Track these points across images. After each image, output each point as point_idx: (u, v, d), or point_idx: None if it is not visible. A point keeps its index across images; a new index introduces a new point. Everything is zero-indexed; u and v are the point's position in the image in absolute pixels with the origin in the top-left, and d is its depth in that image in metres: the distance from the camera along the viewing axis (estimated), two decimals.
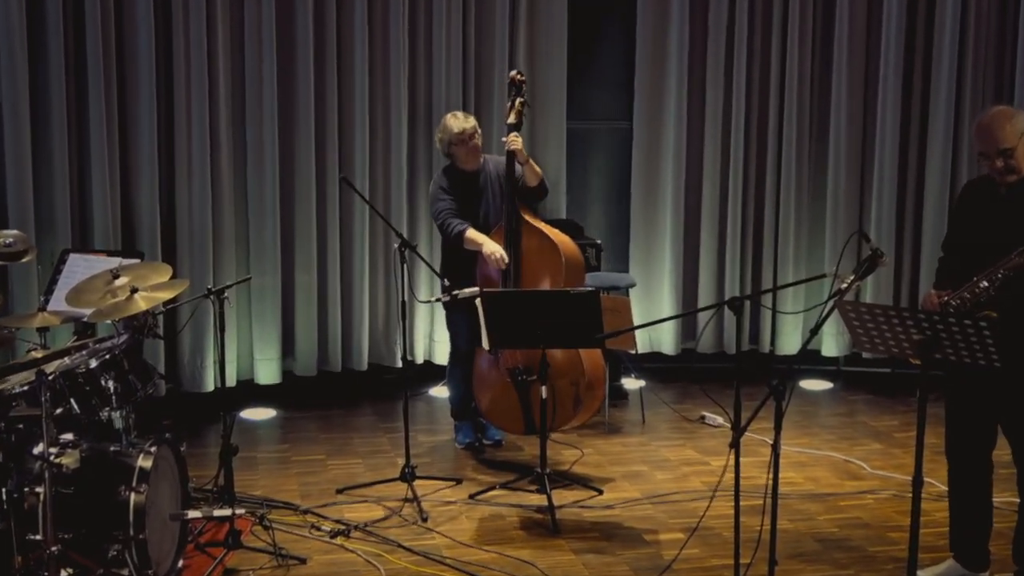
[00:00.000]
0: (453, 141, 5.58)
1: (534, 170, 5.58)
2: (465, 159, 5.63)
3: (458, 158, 5.64)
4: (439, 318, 6.90)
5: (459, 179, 5.68)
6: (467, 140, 5.58)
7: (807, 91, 7.18)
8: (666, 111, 7.21)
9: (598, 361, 5.55)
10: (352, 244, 6.86)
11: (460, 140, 5.58)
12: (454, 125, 5.59)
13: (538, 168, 5.63)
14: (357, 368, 6.94)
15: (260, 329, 6.75)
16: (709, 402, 6.36)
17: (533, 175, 5.58)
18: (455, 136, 5.57)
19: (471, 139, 5.59)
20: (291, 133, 6.66)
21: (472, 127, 5.60)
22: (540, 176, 5.61)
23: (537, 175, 5.59)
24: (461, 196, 5.66)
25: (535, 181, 5.59)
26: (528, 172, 5.57)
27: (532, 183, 5.58)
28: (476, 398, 5.77)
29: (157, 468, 4.11)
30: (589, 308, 4.81)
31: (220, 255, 6.58)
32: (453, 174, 5.70)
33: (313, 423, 6.45)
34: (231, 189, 6.59)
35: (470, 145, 5.59)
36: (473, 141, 5.60)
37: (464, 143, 5.58)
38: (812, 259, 7.37)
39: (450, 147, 5.61)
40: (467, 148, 5.59)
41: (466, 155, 5.62)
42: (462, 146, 5.59)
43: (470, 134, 5.58)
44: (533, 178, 5.58)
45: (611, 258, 7.38)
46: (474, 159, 5.64)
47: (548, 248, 5.51)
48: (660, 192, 7.30)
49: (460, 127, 5.57)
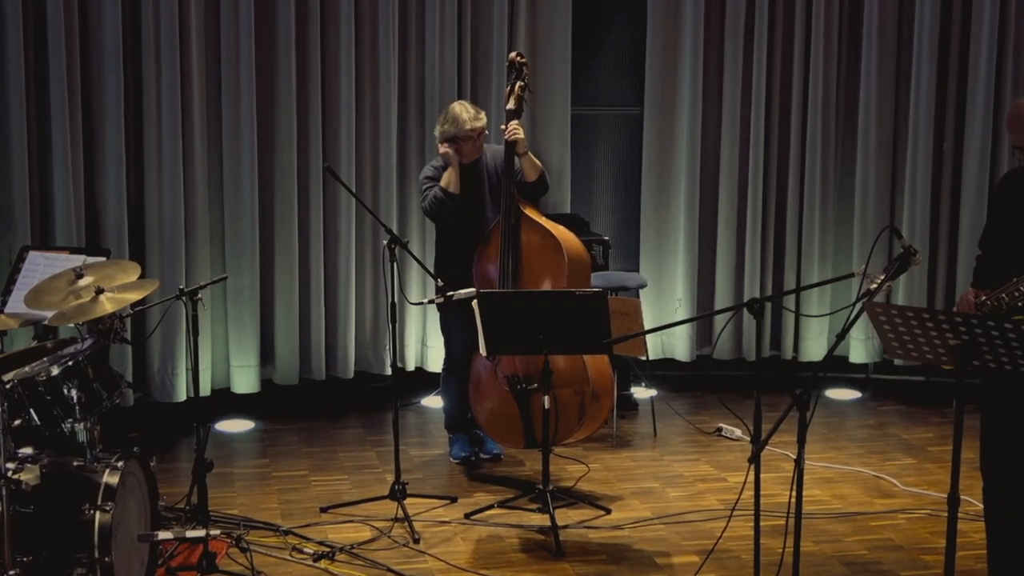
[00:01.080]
0: (460, 136, 5.58)
1: (533, 163, 5.58)
2: (466, 154, 5.65)
3: (458, 151, 5.65)
4: (432, 322, 6.90)
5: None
6: (475, 139, 5.60)
7: (833, 72, 7.19)
8: (680, 96, 7.21)
9: (605, 369, 5.55)
10: (337, 241, 6.86)
11: (467, 137, 5.59)
12: (465, 120, 5.57)
13: (538, 161, 5.63)
14: (342, 376, 6.94)
15: (237, 333, 6.75)
16: (726, 413, 6.36)
17: (532, 168, 5.58)
18: (464, 132, 5.57)
19: (479, 138, 5.61)
20: (270, 119, 6.66)
21: (482, 127, 5.61)
22: (540, 170, 5.61)
23: (537, 168, 5.59)
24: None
25: (534, 175, 5.59)
26: (527, 165, 5.57)
27: (531, 177, 5.59)
28: (472, 409, 5.78)
29: (124, 485, 4.10)
30: (596, 311, 4.81)
31: (193, 253, 6.58)
32: (445, 164, 5.70)
33: (295, 436, 6.45)
34: (205, 181, 6.58)
35: (476, 143, 5.61)
36: (479, 139, 5.62)
37: (471, 140, 5.60)
38: (839, 257, 7.38)
39: (454, 140, 5.61)
40: (472, 146, 5.61)
41: (469, 151, 5.64)
42: (467, 142, 5.60)
43: (479, 133, 5.59)
44: (532, 172, 5.58)
45: (620, 256, 7.39)
46: (475, 154, 5.65)
47: (550, 245, 5.51)
48: (673, 184, 7.30)
49: (471, 125, 5.57)
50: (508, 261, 5.54)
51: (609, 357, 5.61)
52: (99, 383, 4.35)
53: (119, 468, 4.08)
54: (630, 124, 7.39)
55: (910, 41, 7.14)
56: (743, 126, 7.22)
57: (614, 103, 7.40)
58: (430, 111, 6.83)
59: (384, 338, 6.97)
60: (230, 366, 6.79)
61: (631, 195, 7.43)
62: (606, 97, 7.40)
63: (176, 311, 6.33)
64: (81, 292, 4.35)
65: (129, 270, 4.55)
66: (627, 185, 7.45)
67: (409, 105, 6.88)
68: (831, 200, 7.33)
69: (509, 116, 5.61)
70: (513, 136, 5.51)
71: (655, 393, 6.87)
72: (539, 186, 5.64)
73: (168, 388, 6.58)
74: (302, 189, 6.77)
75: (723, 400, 6.53)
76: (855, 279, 3.95)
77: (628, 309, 5.87)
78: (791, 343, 7.44)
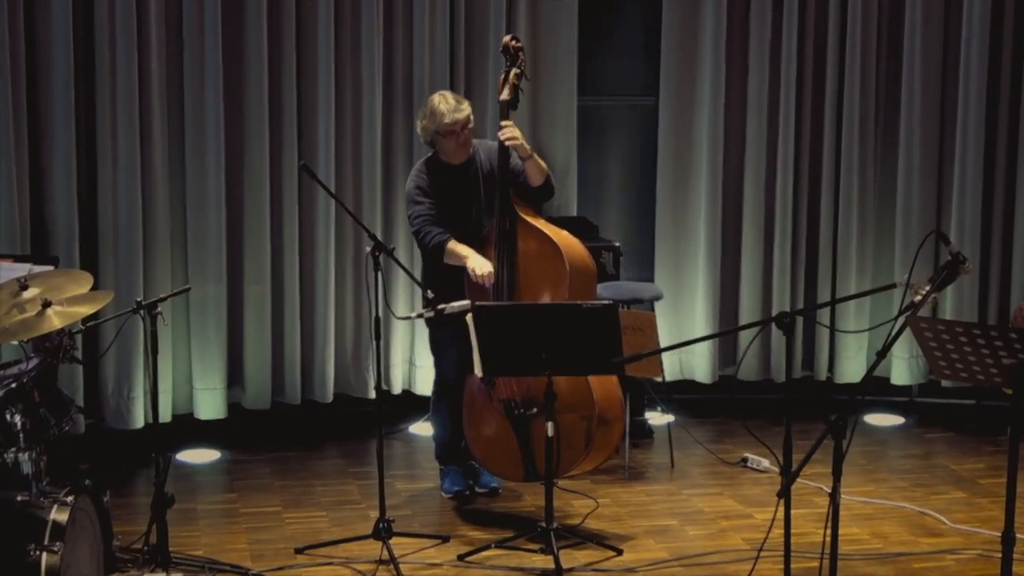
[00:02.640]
0: (441, 132, 5.57)
1: (539, 166, 5.58)
2: (453, 153, 5.64)
3: (444, 151, 5.65)
4: (421, 339, 6.89)
5: (443, 174, 5.68)
6: (458, 132, 5.57)
7: (872, 59, 7.19)
8: (700, 84, 7.21)
9: (615, 391, 5.55)
10: (314, 247, 6.86)
11: (449, 132, 5.57)
12: (444, 113, 5.55)
13: (543, 164, 5.63)
14: (320, 400, 6.95)
15: (201, 352, 6.75)
16: (753, 441, 6.31)
17: (537, 172, 5.58)
18: (444, 127, 5.56)
19: (463, 130, 5.58)
20: (239, 112, 6.66)
21: (465, 117, 5.57)
22: (546, 173, 5.62)
23: (543, 172, 5.59)
24: (445, 195, 5.66)
25: (540, 179, 5.59)
26: (531, 169, 5.56)
27: (536, 181, 5.59)
28: (466, 437, 5.77)
29: (75, 522, 4.09)
30: (605, 325, 4.81)
31: (152, 261, 6.58)
32: (436, 168, 5.70)
33: (266, 467, 6.44)
34: (165, 180, 6.58)
35: (460, 138, 5.59)
36: (464, 133, 5.59)
37: (454, 135, 5.58)
38: (879, 266, 7.38)
39: (435, 137, 5.62)
40: (456, 142, 5.60)
41: (454, 149, 5.62)
42: (450, 138, 5.58)
43: (463, 125, 5.57)
44: (537, 176, 5.58)
45: (632, 264, 7.37)
46: (463, 153, 5.65)
47: (549, 252, 5.52)
48: (692, 183, 7.30)
49: (452, 118, 5.54)
50: (503, 270, 5.55)
51: (620, 378, 5.60)
52: (46, 408, 4.34)
53: (68, 504, 4.07)
54: (643, 116, 7.39)
55: (958, 24, 7.14)
56: (771, 118, 7.22)
57: (625, 92, 7.41)
58: (419, 101, 6.79)
59: (367, 357, 6.97)
60: (193, 389, 6.78)
61: (645, 196, 7.42)
62: (616, 85, 7.40)
63: (133, 327, 6.27)
64: (26, 305, 4.34)
65: (80, 280, 4.55)
66: (640, 184, 7.45)
67: (395, 95, 6.88)
68: (870, 202, 7.33)
69: (503, 108, 5.61)
70: (510, 142, 5.50)
71: (672, 419, 6.86)
72: (544, 191, 5.64)
73: (124, 413, 6.57)
74: (275, 189, 6.77)
75: (749, 427, 6.52)
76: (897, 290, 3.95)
77: (641, 324, 5.87)
78: (825, 362, 7.43)
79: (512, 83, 5.63)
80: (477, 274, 5.48)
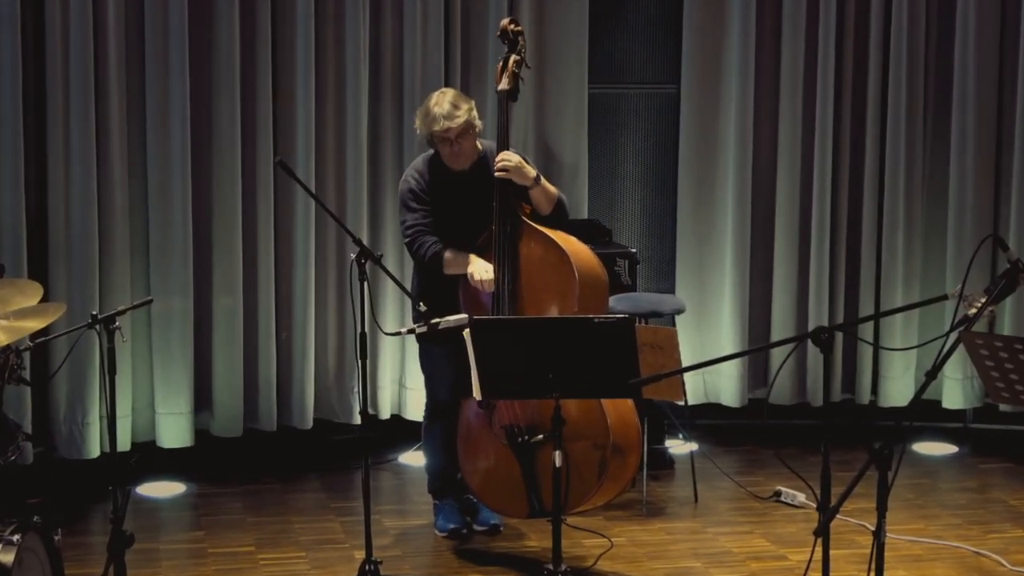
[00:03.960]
0: (435, 137, 5.58)
1: (547, 194, 5.59)
2: (450, 160, 5.65)
3: (442, 155, 5.66)
4: (412, 357, 6.82)
5: (444, 177, 5.69)
6: (452, 140, 5.55)
7: (920, 45, 7.19)
8: (726, 70, 7.22)
9: (631, 417, 5.54)
10: (292, 254, 6.87)
11: (442, 139, 5.57)
12: (436, 118, 5.51)
13: (552, 189, 5.64)
14: (299, 426, 6.94)
15: (165, 372, 6.74)
16: (787, 473, 6.35)
17: (546, 201, 5.60)
18: (436, 133, 5.55)
19: (459, 139, 5.55)
20: (207, 103, 6.66)
21: (461, 125, 5.53)
22: (555, 199, 5.63)
23: (551, 200, 5.62)
24: (446, 202, 5.66)
25: (549, 208, 5.62)
26: (538, 199, 5.58)
27: (544, 211, 5.62)
28: (463, 468, 5.77)
29: (21, 563, 4.08)
30: (619, 342, 4.80)
31: (109, 269, 6.58)
32: (437, 169, 5.70)
33: (237, 501, 6.44)
34: (124, 180, 6.58)
35: (456, 148, 5.58)
36: (461, 143, 5.56)
37: (447, 143, 5.57)
38: (928, 275, 7.39)
39: (431, 140, 5.63)
40: (452, 150, 5.59)
41: (450, 156, 5.63)
42: (444, 145, 5.59)
43: (458, 133, 5.53)
44: (546, 204, 5.61)
45: (650, 273, 7.38)
46: (461, 161, 5.65)
47: (555, 259, 5.52)
48: (718, 182, 7.30)
49: (443, 125, 5.50)
50: (503, 280, 5.54)
51: (636, 402, 5.60)
52: None
53: (15, 543, 4.05)
54: (663, 106, 7.39)
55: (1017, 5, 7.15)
56: (807, 108, 7.22)
57: (643, 80, 7.40)
58: (410, 89, 6.85)
59: (351, 378, 6.97)
60: (156, 413, 6.77)
61: (665, 196, 7.43)
62: (632, 72, 7.40)
63: (88, 344, 6.30)
64: None
65: (28, 292, 4.54)
66: (660, 183, 7.45)
67: (383, 82, 6.88)
68: (918, 203, 7.34)
69: (501, 99, 5.61)
70: (503, 174, 5.48)
71: (695, 447, 6.84)
72: (557, 217, 5.65)
73: (77, 441, 6.56)
74: (248, 189, 6.76)
75: (782, 456, 6.51)
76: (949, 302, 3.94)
77: (661, 341, 5.87)
78: (868, 384, 7.43)
79: (511, 71, 5.63)
80: (476, 279, 5.48)
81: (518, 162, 5.52)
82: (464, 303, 5.62)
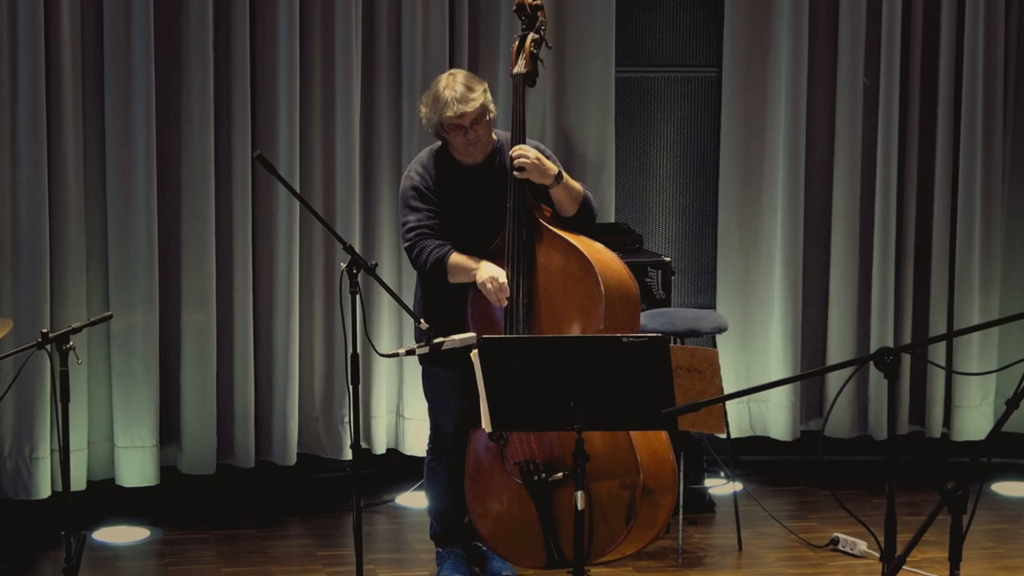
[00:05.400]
0: (445, 126, 5.58)
1: (570, 192, 5.62)
2: (462, 151, 5.66)
3: (453, 147, 5.67)
4: (412, 382, 6.89)
5: (453, 173, 5.70)
6: (466, 128, 5.56)
7: (1000, 25, 7.19)
8: (775, 52, 7.24)
9: (664, 452, 5.55)
10: (272, 263, 6.89)
11: (454, 127, 5.57)
12: (448, 103, 5.52)
13: (578, 186, 5.67)
14: (280, 462, 6.96)
15: (126, 399, 6.76)
16: (845, 517, 6.20)
17: (570, 201, 5.62)
18: (448, 120, 5.54)
19: (473, 126, 5.56)
20: (175, 86, 6.69)
21: (477, 110, 5.54)
22: (581, 199, 5.66)
23: (576, 199, 5.64)
24: (455, 202, 5.67)
25: (573, 208, 5.65)
26: (562, 198, 5.61)
27: (568, 211, 5.65)
28: (471, 511, 5.76)
29: None
30: (652, 365, 4.79)
31: (61, 280, 6.60)
32: (445, 164, 5.71)
33: (209, 549, 6.45)
34: (79, 177, 6.61)
35: (470, 136, 5.59)
36: (476, 130, 5.57)
37: (460, 131, 5.57)
38: (1009, 289, 7.42)
39: (440, 130, 5.63)
40: (465, 139, 5.60)
41: (464, 147, 5.64)
42: (457, 135, 5.59)
43: (473, 119, 5.55)
44: (570, 205, 5.64)
45: (688, 286, 7.41)
46: (475, 153, 5.66)
47: (578, 270, 5.52)
48: (766, 179, 7.33)
49: (456, 109, 5.51)
50: (518, 293, 5.54)
51: (671, 435, 5.60)
52: None
53: None
54: (702, 93, 7.42)
55: None
56: (869, 97, 7.23)
57: (679, 63, 7.42)
58: (409, 74, 6.87)
59: (341, 407, 6.98)
60: (115, 447, 6.79)
61: (704, 196, 7.46)
62: (667, 54, 7.41)
63: (37, 366, 6.28)
64: None
65: None
66: (698, 182, 7.47)
67: (378, 64, 6.91)
68: (997, 209, 7.36)
69: (516, 82, 5.63)
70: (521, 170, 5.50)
71: (739, 488, 6.85)
72: (582, 219, 5.68)
73: (24, 479, 6.57)
74: (222, 189, 6.79)
75: (840, 498, 6.47)
76: None
77: (700, 364, 5.83)
78: (940, 415, 7.44)
79: (529, 52, 5.64)
80: (488, 288, 5.48)
81: (536, 157, 5.52)
82: (473, 319, 5.62)
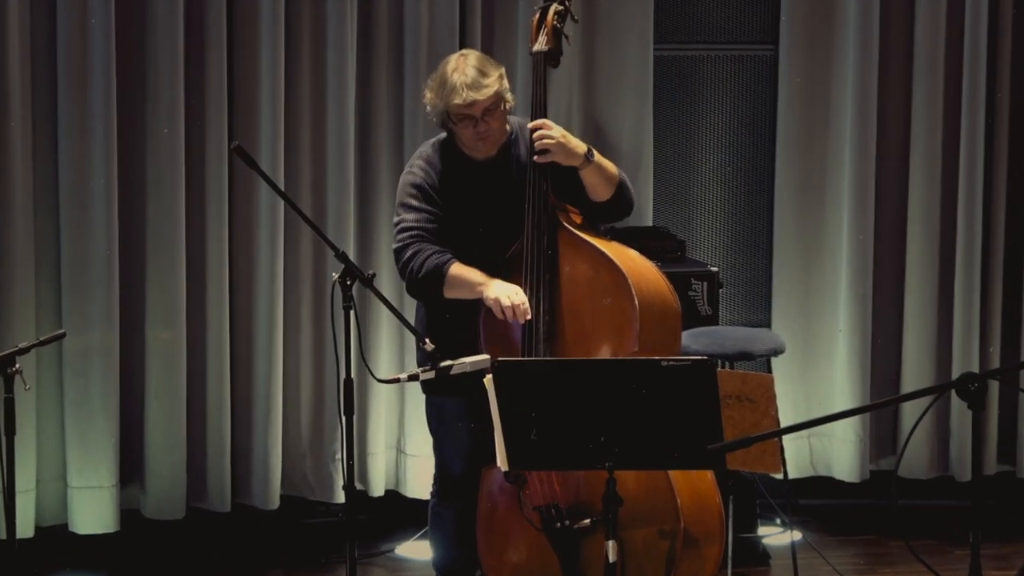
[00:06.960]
0: (452, 115, 5.59)
1: (603, 173, 5.64)
2: (471, 145, 5.68)
3: (461, 140, 5.68)
4: (415, 413, 6.89)
5: (460, 169, 5.72)
6: (477, 119, 5.57)
7: None
8: (841, 26, 7.29)
9: (710, 495, 5.57)
10: (253, 272, 6.93)
11: (463, 116, 5.58)
12: (456, 88, 5.54)
13: (611, 166, 5.67)
14: (261, 506, 7.01)
15: (80, 432, 6.80)
16: (922, 570, 6.36)
17: (604, 183, 5.64)
18: (456, 108, 5.56)
19: (485, 116, 5.57)
20: (139, 71, 6.75)
21: (489, 97, 5.56)
22: (617, 180, 5.67)
23: (611, 180, 5.66)
24: (460, 199, 5.69)
25: (607, 192, 5.67)
26: (593, 180, 5.63)
27: (602, 195, 5.67)
28: (483, 562, 5.79)
29: None
30: (696, 394, 4.78)
31: (7, 293, 6.66)
32: (450, 158, 5.73)
33: None
34: (27, 176, 6.67)
35: (481, 128, 5.60)
36: (488, 122, 5.58)
37: (470, 122, 5.58)
38: None
39: (446, 119, 5.64)
40: (476, 131, 5.61)
41: (473, 140, 5.65)
42: (466, 125, 5.60)
43: (484, 108, 5.56)
44: (604, 188, 5.66)
45: (738, 300, 7.46)
46: (486, 146, 5.68)
47: (608, 280, 5.55)
48: (829, 177, 7.37)
49: (466, 96, 5.53)
50: (538, 309, 5.54)
51: (718, 475, 5.59)
52: None
53: None
54: (755, 75, 7.48)
55: None
56: (950, 81, 7.28)
57: (728, 39, 7.47)
58: (412, 54, 6.92)
59: (332, 441, 7.02)
60: (69, 487, 6.83)
61: (757, 195, 7.51)
62: (714, 29, 7.47)
63: None
64: None
65: None
66: (750, 179, 7.52)
67: (376, 42, 6.98)
68: None
69: (537, 61, 5.65)
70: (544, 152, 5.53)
71: (799, 537, 6.86)
72: (613, 208, 5.70)
73: None
74: (194, 187, 6.85)
75: (915, 549, 6.47)
76: None
77: (752, 392, 5.80)
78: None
79: (552, 26, 5.66)
80: (504, 305, 5.45)
81: (561, 135, 5.53)
82: (486, 339, 5.63)
